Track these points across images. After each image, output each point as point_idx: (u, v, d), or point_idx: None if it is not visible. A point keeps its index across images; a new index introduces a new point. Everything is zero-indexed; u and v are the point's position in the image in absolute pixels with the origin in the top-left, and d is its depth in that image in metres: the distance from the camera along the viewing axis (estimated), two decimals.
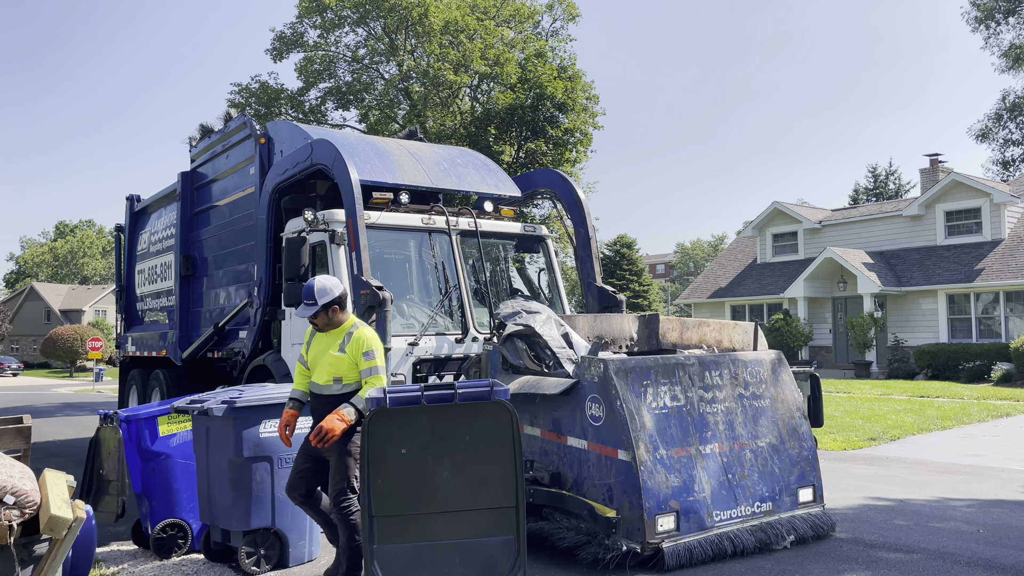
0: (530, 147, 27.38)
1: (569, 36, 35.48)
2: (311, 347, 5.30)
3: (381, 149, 9.05)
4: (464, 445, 4.76)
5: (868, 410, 15.27)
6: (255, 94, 31.07)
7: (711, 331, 7.76)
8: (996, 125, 44.22)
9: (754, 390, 6.27)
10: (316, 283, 5.13)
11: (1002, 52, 41.60)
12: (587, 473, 5.78)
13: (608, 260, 49.04)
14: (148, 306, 12.99)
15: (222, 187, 10.73)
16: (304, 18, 31.07)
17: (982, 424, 13.51)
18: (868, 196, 51.88)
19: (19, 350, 68.08)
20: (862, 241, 28.61)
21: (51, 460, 10.61)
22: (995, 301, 24.47)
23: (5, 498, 4.53)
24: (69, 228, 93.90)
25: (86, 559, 5.30)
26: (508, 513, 4.76)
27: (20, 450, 5.86)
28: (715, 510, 5.69)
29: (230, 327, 9.96)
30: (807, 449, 6.31)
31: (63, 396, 28.71)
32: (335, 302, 5.14)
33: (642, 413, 5.64)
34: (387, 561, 4.70)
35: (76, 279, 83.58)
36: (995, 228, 25.52)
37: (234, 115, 10.83)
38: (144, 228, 13.37)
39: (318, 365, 5.21)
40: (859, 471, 9.32)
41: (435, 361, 7.89)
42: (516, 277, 9.52)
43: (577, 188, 9.62)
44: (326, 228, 7.96)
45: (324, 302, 5.10)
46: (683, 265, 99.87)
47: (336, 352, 5.12)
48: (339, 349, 5.13)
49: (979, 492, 8.07)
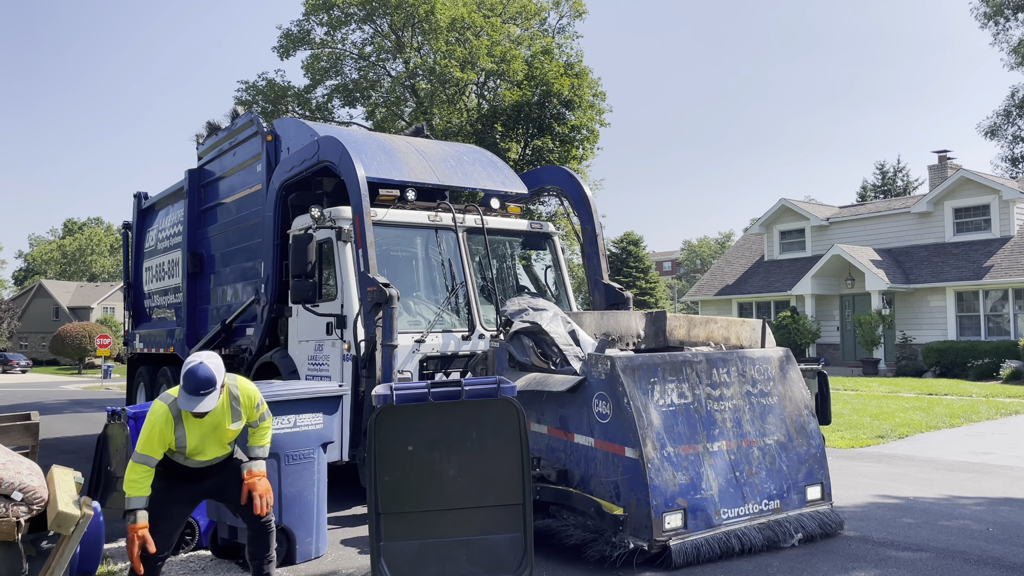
0: (537, 144, 27.34)
1: (576, 33, 35.40)
2: (188, 439, 4.66)
3: (388, 146, 9.04)
4: (471, 442, 4.75)
5: (876, 408, 15.21)
6: (262, 92, 31.12)
7: (719, 328, 7.73)
8: (1005, 122, 44.00)
9: (762, 387, 6.25)
10: (201, 369, 4.50)
11: (1011, 48, 41.36)
12: (594, 470, 5.76)
13: (615, 257, 48.99)
14: (156, 303, 13.02)
15: (229, 184, 10.74)
16: (311, 15, 31.10)
17: (991, 422, 13.45)
18: (876, 193, 51.70)
19: (28, 347, 68.38)
20: (870, 238, 28.50)
21: (59, 457, 10.65)
22: (1004, 298, 24.34)
23: (13, 494, 4.54)
24: (77, 226, 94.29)
25: (94, 555, 5.33)
26: (515, 510, 4.75)
27: (28, 446, 5.88)
28: (723, 508, 5.67)
29: (237, 324, 9.97)
30: (815, 447, 6.29)
31: (71, 393, 28.83)
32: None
33: (649, 410, 5.62)
34: (394, 558, 4.69)
35: (84, 276, 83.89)
36: (1004, 225, 25.39)
37: (241, 112, 10.84)
38: (151, 225, 13.39)
39: (206, 447, 4.77)
40: (867, 469, 9.28)
41: (442, 358, 7.88)
42: (523, 274, 9.50)
43: (584, 185, 9.60)
44: (333, 225, 7.96)
45: (221, 381, 4.61)
46: (690, 262, 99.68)
47: (232, 426, 4.79)
48: (233, 420, 4.79)
49: (988, 490, 8.03)
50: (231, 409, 4.77)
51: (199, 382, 4.48)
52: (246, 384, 4.92)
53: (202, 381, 4.48)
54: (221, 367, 4.62)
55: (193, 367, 4.51)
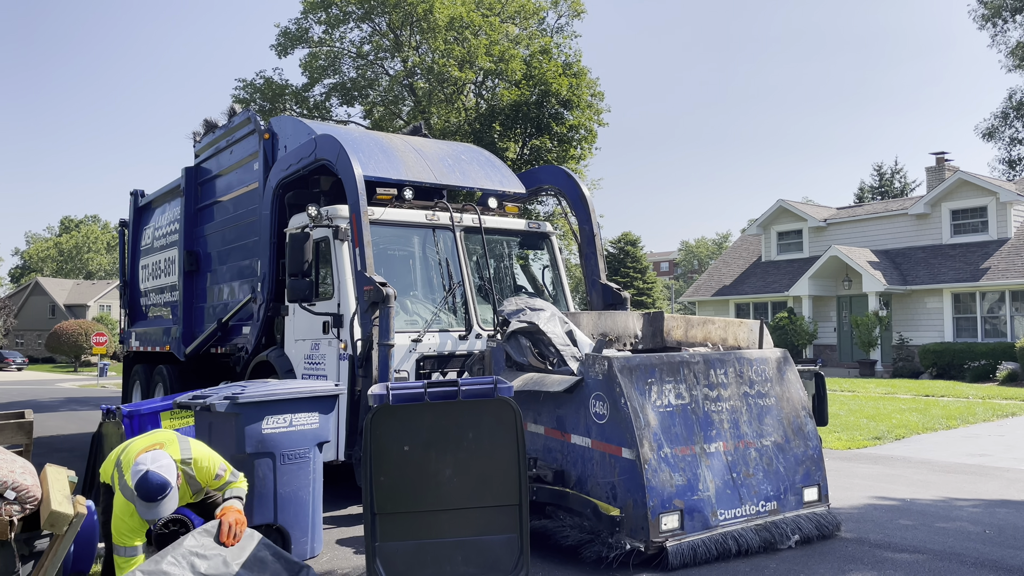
0: (535, 144, 27.31)
1: (574, 32, 35.37)
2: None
3: (385, 145, 9.02)
4: (467, 442, 4.74)
5: (873, 409, 15.22)
6: (259, 90, 31.05)
7: (716, 329, 7.72)
8: (1003, 124, 44.04)
9: (759, 388, 6.23)
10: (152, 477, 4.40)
11: (1009, 50, 41.40)
12: (591, 471, 5.75)
13: (612, 257, 48.96)
14: (152, 301, 12.99)
15: (226, 182, 10.72)
16: (309, 14, 31.04)
17: (987, 424, 13.45)
18: (873, 194, 51.75)
19: (24, 345, 68.23)
20: (867, 239, 28.53)
21: (54, 455, 10.61)
22: (1001, 300, 24.37)
23: (6, 493, 4.51)
24: (74, 223, 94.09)
25: (88, 554, 5.30)
26: (511, 511, 4.74)
27: (22, 445, 5.85)
28: (719, 509, 5.65)
29: (233, 323, 9.95)
30: (812, 448, 6.28)
31: (67, 391, 28.76)
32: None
33: (646, 411, 5.60)
34: (389, 559, 4.68)
35: (81, 274, 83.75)
36: (1001, 227, 25.43)
37: (238, 110, 10.83)
38: (148, 223, 13.36)
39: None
40: (864, 470, 9.27)
41: (438, 358, 7.86)
42: (520, 274, 9.49)
43: (582, 185, 9.59)
44: (330, 224, 7.94)
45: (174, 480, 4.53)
46: (687, 263, 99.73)
47: (193, 498, 4.87)
48: (193, 493, 4.85)
49: (985, 492, 8.03)
50: (189, 486, 4.80)
51: (153, 490, 4.42)
52: (202, 458, 4.82)
53: (156, 488, 4.41)
54: (171, 466, 4.53)
55: (143, 476, 4.42)
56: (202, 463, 4.81)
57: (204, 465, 4.82)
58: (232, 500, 4.85)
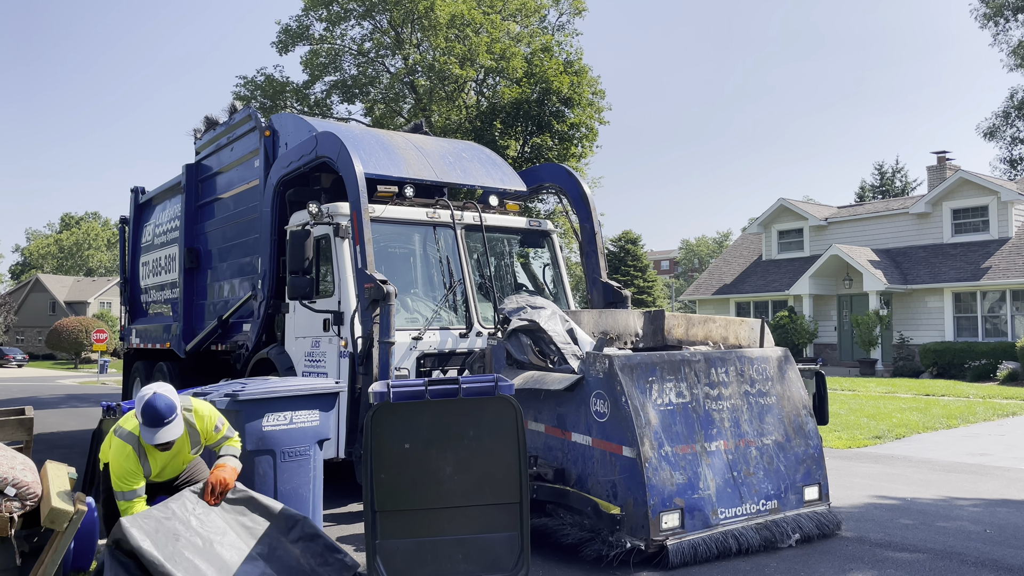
0: (535, 142, 27.29)
1: (575, 30, 35.37)
2: (152, 468, 4.81)
3: (386, 142, 9.01)
4: (468, 440, 4.73)
5: (873, 408, 15.21)
6: (260, 87, 31.02)
7: (717, 327, 7.71)
8: (1004, 123, 44.03)
9: (760, 387, 6.23)
10: (158, 400, 4.55)
11: (1011, 49, 41.37)
12: (591, 469, 5.74)
13: (613, 256, 48.95)
14: (152, 298, 12.98)
15: (226, 180, 10.70)
16: (310, 11, 31.01)
17: (988, 423, 13.45)
18: (875, 193, 51.73)
19: (24, 341, 68.24)
20: (868, 239, 28.51)
21: (54, 452, 10.62)
22: (1001, 300, 24.36)
23: (6, 490, 4.51)
24: (74, 220, 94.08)
25: (88, 551, 5.29)
26: (512, 509, 4.73)
27: (22, 441, 5.85)
28: (720, 508, 5.65)
29: (234, 320, 9.94)
30: (813, 447, 6.27)
31: (67, 387, 28.77)
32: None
33: (647, 410, 5.60)
34: (390, 556, 4.67)
35: (81, 271, 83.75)
36: (1002, 226, 25.41)
37: (239, 108, 10.80)
38: (148, 220, 13.35)
39: (166, 471, 4.99)
40: (864, 469, 9.27)
41: (439, 356, 7.85)
42: (521, 272, 9.48)
43: (583, 183, 9.58)
44: (330, 221, 7.93)
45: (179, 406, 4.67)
46: (688, 261, 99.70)
47: (192, 452, 4.97)
48: (192, 447, 4.94)
49: (985, 491, 8.03)
50: (189, 437, 4.91)
51: (159, 412, 4.54)
52: (202, 408, 4.95)
53: (163, 411, 4.55)
54: (175, 393, 4.70)
55: (149, 400, 4.55)
56: (202, 411, 4.96)
57: (205, 414, 4.96)
58: (227, 457, 4.95)
